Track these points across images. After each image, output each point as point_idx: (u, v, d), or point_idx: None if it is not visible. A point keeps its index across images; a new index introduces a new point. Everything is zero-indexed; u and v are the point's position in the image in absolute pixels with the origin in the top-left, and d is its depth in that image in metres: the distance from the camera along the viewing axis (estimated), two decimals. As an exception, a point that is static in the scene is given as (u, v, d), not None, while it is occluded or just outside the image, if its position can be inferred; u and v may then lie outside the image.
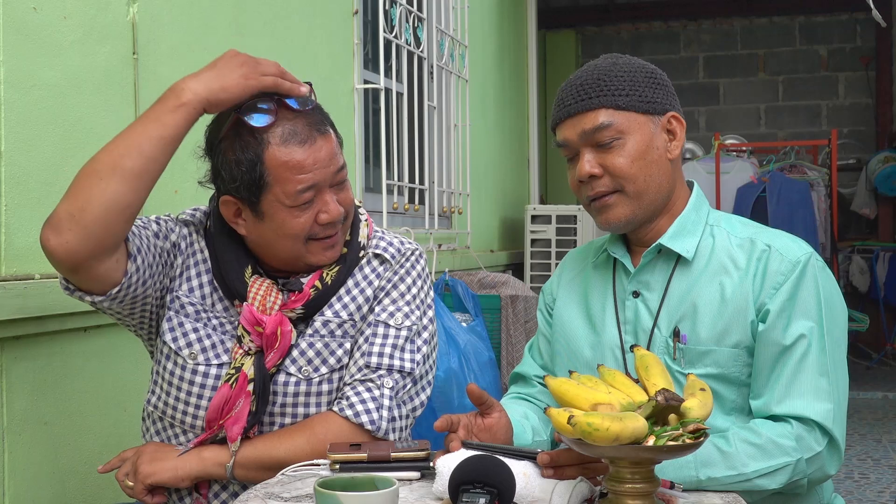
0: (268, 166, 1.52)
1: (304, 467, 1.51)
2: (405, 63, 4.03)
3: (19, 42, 1.77)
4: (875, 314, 7.23)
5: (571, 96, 1.56)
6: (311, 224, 1.56)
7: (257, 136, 1.52)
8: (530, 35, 6.25)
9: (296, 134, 1.53)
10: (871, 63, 8.03)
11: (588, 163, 1.54)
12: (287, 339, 1.57)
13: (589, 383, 1.25)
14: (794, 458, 1.42)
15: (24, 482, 1.77)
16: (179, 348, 1.61)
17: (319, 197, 1.56)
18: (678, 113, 1.59)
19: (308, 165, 1.53)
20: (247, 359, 1.57)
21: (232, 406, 1.55)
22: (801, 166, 6.90)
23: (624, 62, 1.57)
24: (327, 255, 1.61)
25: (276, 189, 1.53)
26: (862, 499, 3.87)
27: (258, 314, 1.56)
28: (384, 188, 3.61)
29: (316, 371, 1.60)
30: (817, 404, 1.46)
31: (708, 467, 1.39)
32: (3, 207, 1.73)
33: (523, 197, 6.13)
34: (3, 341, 1.73)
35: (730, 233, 1.59)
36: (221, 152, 1.56)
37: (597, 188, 1.56)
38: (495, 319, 4.31)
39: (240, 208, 1.58)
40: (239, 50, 1.57)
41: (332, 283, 1.61)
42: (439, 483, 1.31)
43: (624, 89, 1.53)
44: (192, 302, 1.63)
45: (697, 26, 8.44)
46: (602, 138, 1.53)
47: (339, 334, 1.62)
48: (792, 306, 1.49)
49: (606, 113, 1.53)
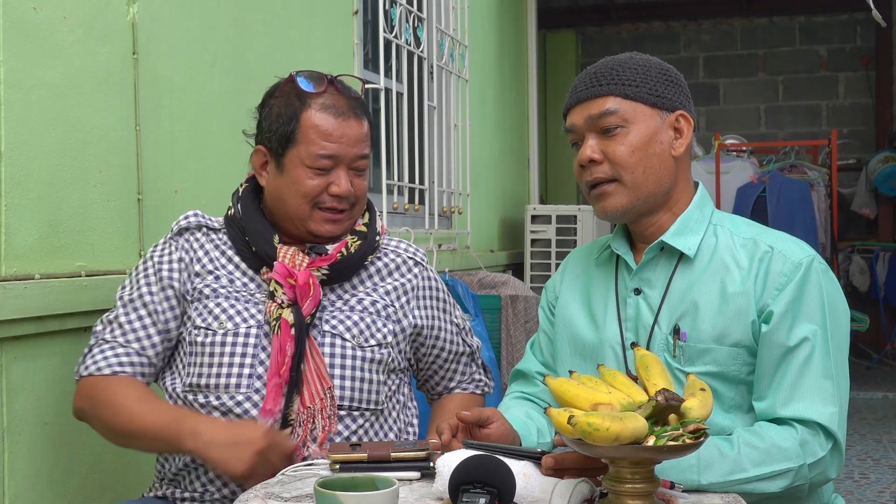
0: (301, 124, 1.69)
1: (303, 467, 1.51)
2: (405, 63, 4.02)
3: (19, 42, 1.77)
4: (875, 314, 7.23)
5: (584, 83, 1.59)
6: (322, 191, 1.70)
7: (302, 98, 1.71)
8: (530, 35, 6.24)
9: (335, 107, 1.71)
10: (871, 63, 8.03)
11: (590, 147, 1.57)
12: (318, 290, 1.70)
13: (589, 383, 1.25)
14: (797, 464, 1.42)
15: (24, 482, 1.77)
16: (209, 324, 1.70)
17: (336, 170, 1.71)
18: (688, 113, 1.60)
19: (335, 136, 1.69)
20: (283, 310, 1.67)
21: (286, 352, 1.64)
22: (801, 166, 6.90)
23: (641, 58, 1.60)
24: (327, 227, 1.73)
25: (301, 147, 1.69)
26: (862, 499, 3.87)
27: (290, 267, 1.69)
28: (384, 188, 3.61)
29: (366, 342, 1.73)
30: (822, 408, 1.45)
31: (709, 470, 1.38)
32: (3, 207, 1.73)
33: (523, 197, 6.13)
34: (3, 341, 1.73)
35: (733, 232, 1.59)
36: (270, 107, 1.74)
37: (595, 174, 1.57)
38: (495, 319, 4.31)
39: (267, 161, 1.75)
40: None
41: (355, 253, 1.75)
42: (439, 483, 1.31)
43: (635, 80, 1.56)
44: (214, 287, 1.73)
45: (697, 26, 8.44)
46: (606, 123, 1.55)
47: (384, 315, 1.78)
48: (796, 308, 1.49)
49: (614, 100, 1.55)
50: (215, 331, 1.69)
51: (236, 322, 1.69)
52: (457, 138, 4.63)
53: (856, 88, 8.13)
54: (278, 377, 1.65)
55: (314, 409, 1.66)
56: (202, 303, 1.72)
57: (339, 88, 1.73)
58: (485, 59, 5.25)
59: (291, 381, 1.65)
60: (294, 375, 1.65)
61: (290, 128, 1.69)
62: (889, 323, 7.45)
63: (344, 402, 1.69)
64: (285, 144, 1.70)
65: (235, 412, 1.65)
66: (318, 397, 1.66)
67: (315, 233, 1.73)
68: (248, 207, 1.77)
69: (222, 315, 1.70)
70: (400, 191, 3.90)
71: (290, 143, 1.70)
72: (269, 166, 1.74)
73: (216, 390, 1.67)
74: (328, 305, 1.75)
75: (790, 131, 8.21)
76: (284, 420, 1.65)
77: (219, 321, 1.69)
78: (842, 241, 7.40)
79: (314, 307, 1.70)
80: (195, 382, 1.69)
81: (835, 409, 1.46)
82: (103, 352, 1.70)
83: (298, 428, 1.65)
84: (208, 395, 1.67)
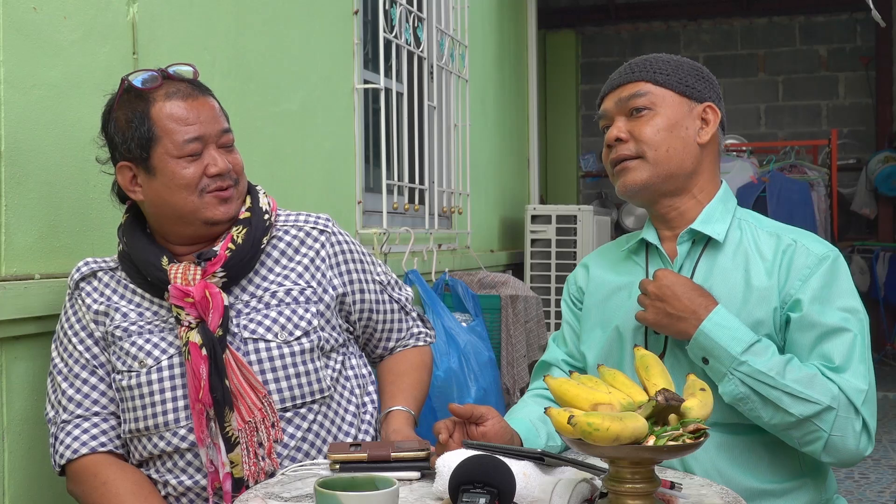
0: (154, 120, 1.63)
1: (304, 467, 1.51)
2: (405, 63, 4.02)
3: (19, 42, 1.77)
4: (875, 314, 7.23)
5: (619, 73, 1.68)
6: (201, 176, 1.64)
7: (144, 96, 1.64)
8: (530, 35, 6.24)
9: (180, 91, 1.66)
10: (871, 63, 8.02)
11: (617, 128, 1.63)
12: (219, 300, 1.64)
13: (589, 383, 1.25)
14: (827, 405, 1.45)
15: (24, 482, 1.77)
16: (130, 365, 1.65)
17: (206, 151, 1.65)
18: (716, 105, 1.64)
19: (192, 117, 1.64)
20: (191, 332, 1.63)
21: (200, 375, 1.60)
22: (801, 166, 6.90)
23: (675, 56, 1.69)
24: (222, 209, 1.67)
25: (165, 141, 1.63)
26: (862, 499, 3.87)
27: (183, 287, 1.63)
28: (384, 188, 3.61)
29: (291, 335, 1.68)
30: (861, 383, 1.49)
31: (755, 356, 1.46)
32: (3, 207, 1.73)
33: (523, 197, 6.13)
34: (3, 341, 1.73)
35: (757, 226, 1.63)
36: (114, 120, 1.67)
37: (620, 151, 1.63)
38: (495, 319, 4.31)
39: (135, 173, 1.67)
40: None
41: (245, 242, 1.68)
42: (439, 483, 1.31)
43: (666, 70, 1.63)
44: (124, 326, 1.67)
45: (697, 26, 8.44)
46: (635, 104, 1.62)
47: (303, 300, 1.72)
48: (827, 294, 1.53)
49: (645, 85, 1.62)
50: (138, 371, 1.64)
51: (156, 356, 1.65)
52: (457, 138, 4.63)
53: (856, 88, 8.13)
54: (198, 402, 1.60)
55: (255, 421, 1.62)
56: (117, 345, 1.67)
57: (174, 75, 1.68)
58: (485, 59, 5.25)
59: (218, 401, 1.61)
60: (219, 394, 1.61)
61: (145, 128, 1.62)
62: (889, 323, 7.45)
63: (286, 403, 1.66)
64: (147, 146, 1.63)
65: (183, 447, 1.63)
66: (255, 408, 1.62)
67: (211, 220, 1.66)
68: (132, 237, 1.70)
69: (140, 353, 1.65)
70: (400, 191, 3.90)
71: (152, 142, 1.63)
72: (140, 177, 1.66)
73: (157, 430, 1.63)
74: (242, 308, 1.69)
75: (790, 131, 8.20)
76: (227, 441, 1.62)
77: (138, 360, 1.65)
78: (842, 241, 7.40)
79: (220, 318, 1.63)
80: (135, 428, 1.65)
81: (865, 388, 1.49)
82: (70, 433, 1.66)
83: (245, 444, 1.61)
84: (152, 437, 1.64)
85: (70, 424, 1.67)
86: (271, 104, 2.79)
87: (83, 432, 1.66)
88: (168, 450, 1.64)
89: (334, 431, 1.72)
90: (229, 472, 1.62)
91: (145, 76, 1.65)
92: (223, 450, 1.62)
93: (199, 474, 1.64)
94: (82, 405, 1.67)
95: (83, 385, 1.67)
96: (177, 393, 1.64)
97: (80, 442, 1.65)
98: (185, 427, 1.63)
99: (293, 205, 2.92)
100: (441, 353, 3.31)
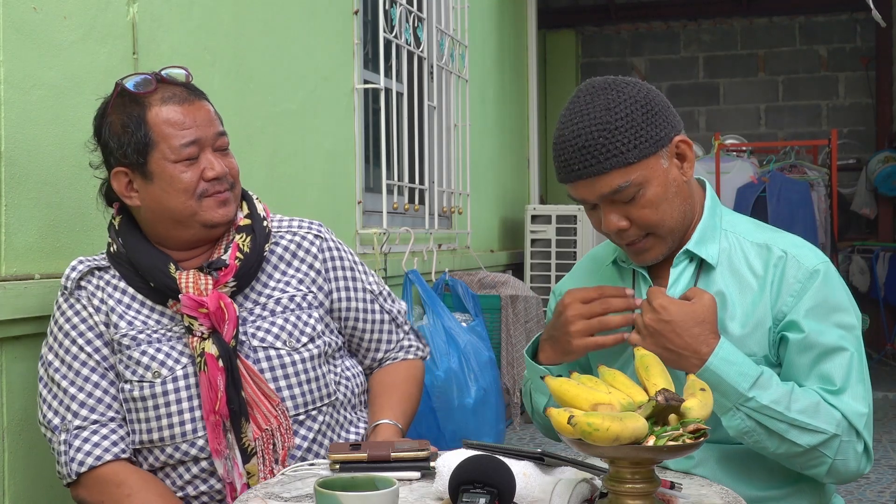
0: (151, 125, 1.61)
1: (303, 467, 1.51)
2: (405, 63, 4.02)
3: (19, 42, 1.77)
4: (875, 314, 7.23)
5: (577, 160, 1.47)
6: (198, 180, 1.63)
7: (139, 101, 1.62)
8: (530, 35, 6.24)
9: (175, 96, 1.64)
10: (871, 63, 8.02)
11: (615, 218, 1.51)
12: (232, 311, 1.64)
13: (589, 383, 1.25)
14: (833, 433, 1.45)
15: (24, 482, 1.77)
16: (142, 375, 1.63)
17: (203, 155, 1.64)
18: (682, 133, 1.56)
19: (188, 122, 1.63)
20: (205, 342, 1.61)
21: (217, 387, 1.60)
22: (801, 166, 6.89)
23: (616, 102, 1.46)
24: (220, 211, 1.66)
25: (162, 146, 1.61)
26: (862, 499, 3.86)
27: (197, 297, 1.61)
28: (384, 188, 3.61)
29: (298, 342, 1.69)
30: (861, 407, 1.49)
31: (761, 389, 1.43)
32: (3, 207, 1.73)
33: (523, 197, 6.13)
34: (2, 341, 1.73)
35: (744, 237, 1.58)
36: (109, 125, 1.64)
37: (628, 238, 1.53)
38: (495, 319, 4.31)
39: (130, 179, 1.65)
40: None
41: (252, 251, 1.68)
42: (439, 483, 1.31)
43: (630, 141, 1.45)
44: (132, 332, 1.65)
45: (697, 26, 8.43)
46: (623, 197, 1.49)
47: (307, 305, 1.73)
48: (821, 313, 1.49)
49: (620, 174, 1.46)
50: (151, 381, 1.62)
51: (170, 366, 1.63)
52: (457, 138, 4.63)
53: (856, 88, 8.13)
54: (214, 415, 1.60)
55: (271, 429, 1.62)
56: (125, 353, 1.64)
57: (168, 79, 1.66)
58: (485, 59, 5.25)
59: (234, 412, 1.61)
60: (235, 405, 1.61)
61: (141, 133, 1.60)
62: (889, 323, 7.44)
63: (299, 409, 1.66)
64: (144, 151, 1.61)
65: (201, 456, 1.62)
66: (271, 416, 1.62)
67: (210, 222, 1.65)
68: (131, 241, 1.67)
69: (152, 363, 1.62)
70: (400, 191, 3.90)
71: (148, 147, 1.61)
72: (136, 182, 1.64)
73: (172, 441, 1.62)
74: (247, 316, 1.69)
75: (790, 131, 8.20)
76: (244, 451, 1.62)
77: (151, 370, 1.62)
78: (842, 241, 7.40)
79: (234, 328, 1.63)
80: (147, 439, 1.63)
81: (866, 412, 1.49)
82: (87, 440, 1.61)
83: (262, 453, 1.61)
84: (166, 447, 1.62)
85: (86, 430, 1.62)
86: (271, 104, 2.79)
87: (103, 438, 1.62)
88: (185, 459, 1.63)
89: (339, 431, 1.73)
90: (246, 482, 1.61)
91: (139, 80, 1.63)
92: (240, 462, 1.62)
93: (213, 478, 1.64)
94: (96, 410, 1.63)
95: (95, 389, 1.63)
96: (193, 403, 1.62)
97: (103, 448, 1.61)
98: (202, 437, 1.62)
99: (293, 205, 2.92)
100: (441, 353, 3.32)
